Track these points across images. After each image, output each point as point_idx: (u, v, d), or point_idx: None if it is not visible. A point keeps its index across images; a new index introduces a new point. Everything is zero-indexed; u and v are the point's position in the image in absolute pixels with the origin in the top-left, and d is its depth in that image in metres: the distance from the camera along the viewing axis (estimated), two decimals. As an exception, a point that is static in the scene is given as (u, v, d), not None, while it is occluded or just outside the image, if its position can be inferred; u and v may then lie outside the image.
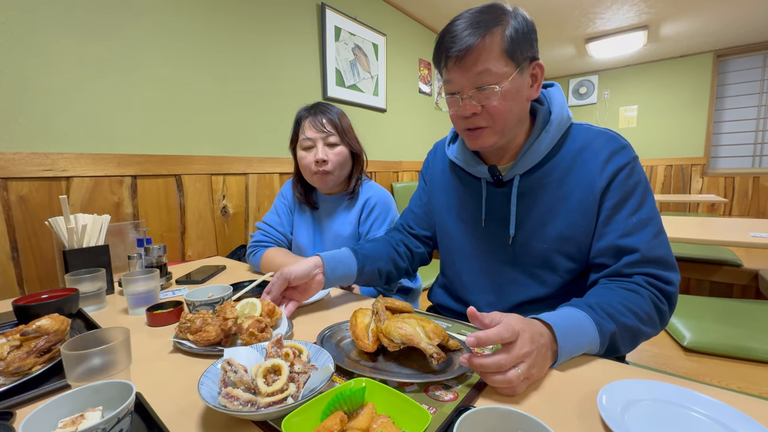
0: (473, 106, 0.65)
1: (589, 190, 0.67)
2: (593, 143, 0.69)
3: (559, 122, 0.70)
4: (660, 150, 4.43)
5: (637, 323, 0.58)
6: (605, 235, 0.66)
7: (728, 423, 0.41)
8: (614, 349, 0.59)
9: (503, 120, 0.66)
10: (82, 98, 1.24)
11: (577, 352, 0.55)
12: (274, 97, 1.89)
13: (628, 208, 0.65)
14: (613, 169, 0.66)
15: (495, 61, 0.62)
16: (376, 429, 0.38)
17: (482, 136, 0.69)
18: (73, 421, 0.38)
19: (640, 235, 0.63)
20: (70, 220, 0.89)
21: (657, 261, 0.63)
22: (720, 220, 2.00)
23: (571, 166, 0.69)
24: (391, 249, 0.88)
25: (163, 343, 0.67)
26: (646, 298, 0.60)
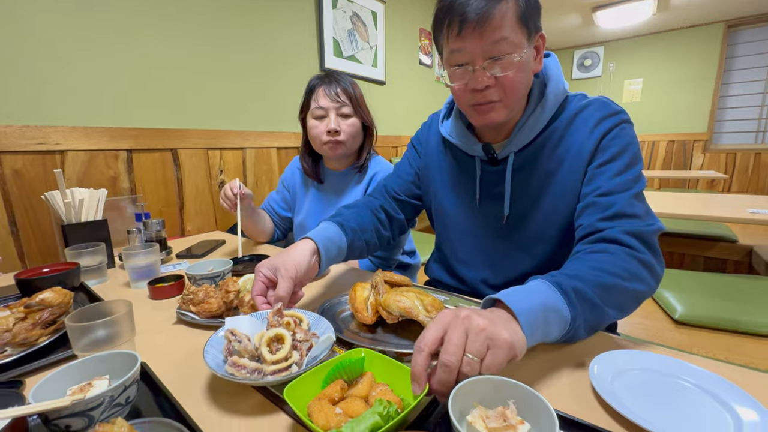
0: (488, 78, 0.61)
1: (579, 156, 0.66)
2: (585, 111, 0.67)
3: (555, 96, 0.68)
4: (663, 125, 4.37)
5: (617, 280, 0.52)
6: (586, 196, 0.64)
7: (714, 390, 0.42)
8: (598, 309, 0.50)
9: (515, 93, 0.63)
10: (73, 70, 1.20)
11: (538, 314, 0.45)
12: (271, 70, 1.83)
13: (612, 169, 0.63)
14: (601, 132, 0.64)
15: (512, 29, 0.58)
16: (375, 396, 0.39)
17: (493, 110, 0.65)
18: (82, 389, 0.39)
19: (620, 195, 0.60)
20: (67, 195, 0.88)
21: (633, 216, 0.59)
22: (718, 196, 2.00)
23: (562, 136, 0.68)
24: (373, 217, 0.83)
25: (165, 316, 0.68)
26: (619, 254, 0.55)
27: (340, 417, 0.36)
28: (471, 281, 0.81)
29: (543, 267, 0.74)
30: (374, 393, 0.40)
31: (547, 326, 0.46)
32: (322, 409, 0.36)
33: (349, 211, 0.80)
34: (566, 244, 0.72)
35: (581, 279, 0.51)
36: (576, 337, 0.51)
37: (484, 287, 0.80)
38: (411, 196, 0.89)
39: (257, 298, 0.58)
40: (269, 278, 0.60)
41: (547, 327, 0.46)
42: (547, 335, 0.47)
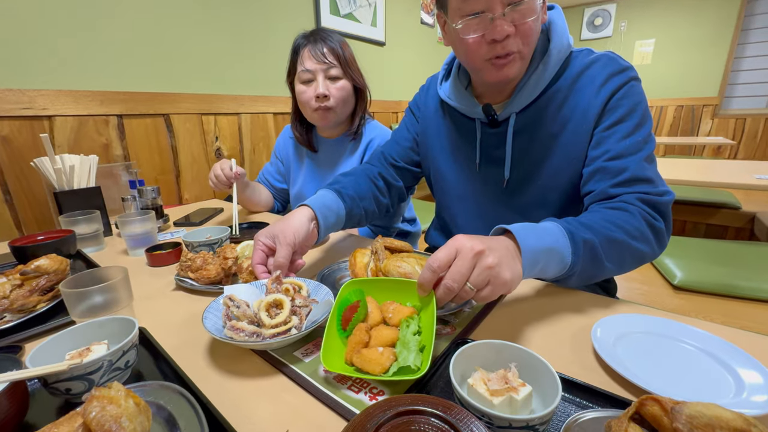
0: (508, 26, 0.56)
1: (584, 118, 0.63)
2: (591, 68, 0.63)
3: (559, 52, 0.63)
4: (673, 90, 4.22)
5: (625, 237, 0.53)
6: (595, 159, 0.62)
7: (715, 352, 0.42)
8: (600, 262, 0.51)
9: (532, 43, 0.59)
10: (57, 31, 1.13)
11: (542, 255, 0.47)
12: (264, 30, 1.73)
13: (622, 130, 0.60)
14: (609, 91, 0.61)
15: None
16: (391, 316, 0.42)
17: (512, 63, 0.60)
18: (80, 354, 0.39)
19: (631, 158, 0.59)
20: (56, 161, 0.85)
21: (647, 180, 0.58)
22: (725, 162, 1.96)
23: (567, 96, 0.64)
24: (372, 185, 0.81)
25: (164, 283, 0.67)
26: (636, 214, 0.55)
27: (385, 352, 0.38)
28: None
29: None
30: (389, 314, 0.43)
31: (547, 267, 0.48)
32: (370, 360, 0.38)
33: (346, 179, 0.78)
34: (567, 211, 0.70)
35: (593, 230, 0.52)
36: (568, 283, 0.53)
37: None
38: (410, 163, 0.87)
39: (257, 267, 0.57)
40: (268, 246, 0.58)
41: (546, 268, 0.49)
42: (543, 273, 0.49)
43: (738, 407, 0.33)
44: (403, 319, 0.41)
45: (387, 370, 0.38)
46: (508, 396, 0.32)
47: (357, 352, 0.40)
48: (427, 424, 0.27)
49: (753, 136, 3.89)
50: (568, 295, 0.58)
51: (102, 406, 0.27)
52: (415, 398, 0.30)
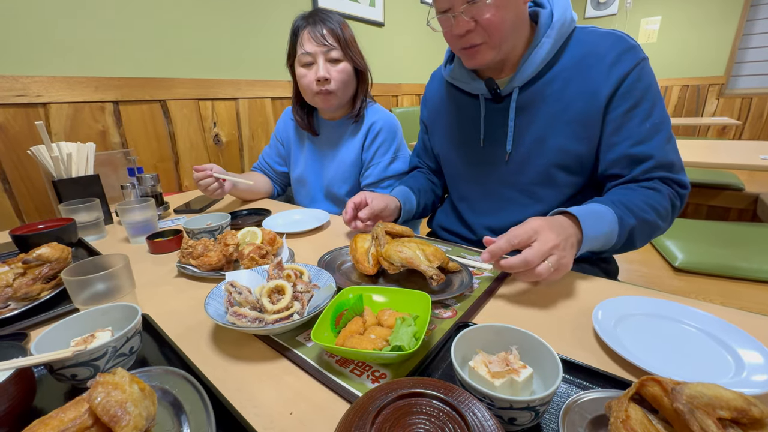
0: (466, 23, 0.61)
1: (593, 99, 0.63)
2: (598, 47, 0.64)
3: (562, 25, 0.64)
4: (678, 68, 4.12)
5: (656, 218, 0.60)
6: (617, 145, 0.64)
7: (716, 333, 0.42)
8: (631, 242, 0.60)
9: (499, 32, 0.61)
10: (49, 16, 1.10)
11: (597, 241, 0.56)
12: (261, 11, 1.68)
13: (640, 114, 0.62)
14: (620, 74, 0.62)
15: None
16: (387, 319, 0.43)
17: (480, 53, 0.64)
18: (85, 340, 0.39)
19: (653, 142, 0.62)
20: (53, 149, 0.84)
21: (671, 165, 0.63)
22: (729, 143, 1.93)
23: (573, 75, 0.65)
24: (427, 181, 0.93)
25: (166, 270, 0.68)
26: (666, 195, 0.62)
27: (378, 340, 0.39)
28: (477, 227, 0.81)
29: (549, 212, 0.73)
30: (385, 317, 0.44)
31: (591, 247, 0.56)
32: (361, 341, 0.39)
33: (409, 179, 0.92)
34: (575, 189, 0.70)
35: (635, 214, 0.58)
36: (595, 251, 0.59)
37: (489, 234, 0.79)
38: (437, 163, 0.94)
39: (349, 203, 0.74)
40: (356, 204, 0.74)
41: (591, 247, 0.56)
42: (590, 248, 0.56)
43: (738, 387, 0.34)
44: (397, 317, 0.42)
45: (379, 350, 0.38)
46: (509, 378, 0.32)
47: (349, 338, 0.40)
48: (429, 406, 0.27)
49: (759, 116, 3.83)
50: (570, 279, 0.58)
51: (107, 392, 0.27)
52: (416, 381, 0.30)
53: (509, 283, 0.58)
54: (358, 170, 1.07)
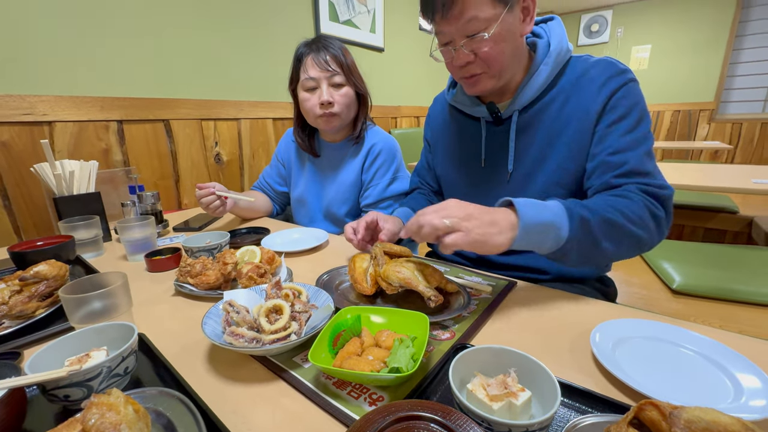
0: (466, 55, 0.65)
1: (586, 117, 0.66)
2: (591, 71, 0.68)
3: (558, 54, 0.69)
4: (669, 95, 4.25)
5: (623, 221, 0.55)
6: (596, 155, 0.65)
7: (714, 357, 0.42)
8: (595, 240, 0.54)
9: (498, 63, 0.65)
10: (58, 38, 1.13)
11: (540, 228, 0.51)
12: (264, 36, 1.74)
13: (623, 127, 0.64)
14: (608, 92, 0.65)
15: (481, 6, 0.61)
16: (384, 341, 0.43)
17: (480, 82, 0.68)
18: (79, 360, 0.39)
19: (631, 152, 0.62)
20: (56, 166, 0.85)
21: (647, 173, 0.62)
22: (722, 167, 1.97)
23: (568, 97, 0.68)
24: (428, 203, 0.92)
25: (163, 288, 0.67)
26: (638, 201, 0.58)
27: (375, 362, 0.39)
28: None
29: None
30: (383, 338, 0.43)
31: (542, 240, 0.53)
32: (359, 362, 0.39)
33: (412, 201, 0.92)
34: None
35: (591, 210, 0.55)
36: (565, 259, 0.55)
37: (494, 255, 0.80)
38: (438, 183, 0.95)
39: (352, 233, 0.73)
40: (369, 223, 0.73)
41: (542, 241, 0.53)
42: (539, 247, 0.53)
43: (736, 412, 0.33)
44: (396, 338, 0.42)
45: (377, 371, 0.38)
46: (507, 401, 0.32)
47: (347, 359, 0.40)
48: (427, 429, 0.27)
49: (749, 141, 3.91)
50: (568, 301, 0.58)
51: (101, 413, 0.27)
52: (414, 404, 0.30)
53: (507, 304, 0.58)
54: (357, 191, 1.08)
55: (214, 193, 0.96)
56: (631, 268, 1.35)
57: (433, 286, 0.54)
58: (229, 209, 1.02)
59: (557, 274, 0.74)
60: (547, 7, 4.46)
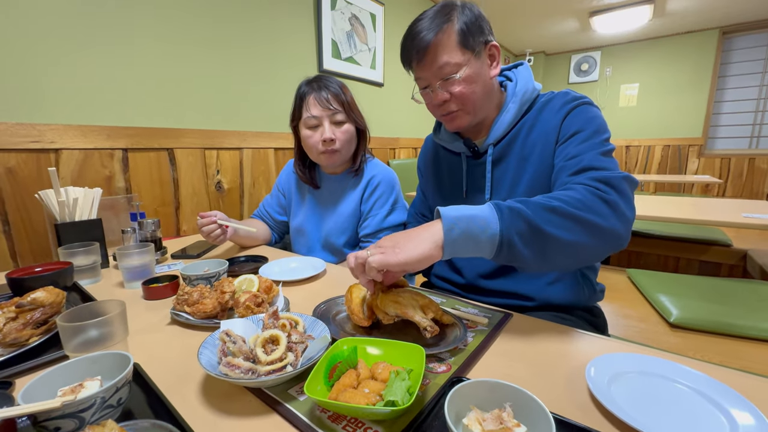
0: (442, 95, 0.73)
1: (548, 138, 0.73)
2: (552, 102, 0.75)
3: (524, 93, 0.77)
4: (658, 130, 4.40)
5: (563, 205, 0.54)
6: (557, 165, 0.70)
7: (710, 394, 0.42)
8: (537, 228, 0.53)
9: (470, 101, 0.73)
10: (69, 68, 1.19)
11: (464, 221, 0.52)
12: (269, 69, 1.83)
13: (579, 138, 0.68)
14: (564, 112, 0.72)
15: (451, 53, 0.69)
16: (381, 373, 0.42)
17: (457, 118, 0.76)
18: (72, 390, 0.39)
19: (588, 153, 0.64)
20: (61, 193, 0.87)
21: (600, 168, 0.61)
22: (713, 201, 2.02)
23: (533, 125, 0.76)
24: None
25: (159, 316, 0.67)
26: (578, 189, 0.58)
27: (371, 395, 0.39)
28: (465, 270, 0.85)
29: None
30: (379, 370, 0.43)
31: (474, 235, 0.52)
32: (354, 395, 0.39)
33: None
34: None
35: (524, 202, 0.55)
36: (518, 256, 0.53)
37: (481, 279, 0.82)
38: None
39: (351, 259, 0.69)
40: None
41: (474, 236, 0.52)
42: (477, 245, 0.53)
43: (732, 450, 0.33)
44: (392, 371, 0.42)
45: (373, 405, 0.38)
46: (502, 437, 0.32)
47: (343, 392, 0.40)
48: (422, 465, 0.27)
49: (739, 175, 4.02)
50: (563, 333, 0.59)
51: (96, 445, 0.27)
52: (409, 438, 0.30)
53: (503, 336, 0.58)
54: (356, 221, 1.10)
55: (216, 221, 0.98)
56: (627, 301, 1.35)
57: (429, 317, 0.54)
58: (229, 237, 1.03)
59: (543, 300, 0.76)
60: (538, 47, 4.70)
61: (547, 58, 4.98)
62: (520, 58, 4.89)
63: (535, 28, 3.97)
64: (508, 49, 4.69)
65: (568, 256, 0.56)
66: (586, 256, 0.57)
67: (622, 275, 1.65)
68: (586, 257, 0.57)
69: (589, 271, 0.80)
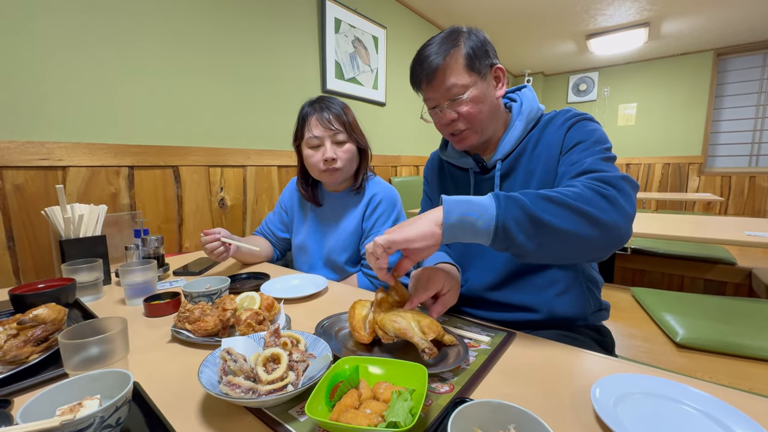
0: (451, 114, 0.76)
1: (550, 153, 0.76)
2: (555, 119, 0.79)
3: (529, 112, 0.80)
4: (658, 148, 4.44)
5: (561, 196, 0.56)
6: (558, 173, 0.72)
7: (718, 416, 0.42)
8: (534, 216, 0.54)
9: (478, 120, 0.76)
10: (78, 87, 1.23)
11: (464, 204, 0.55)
12: (273, 89, 1.87)
13: (580, 147, 0.71)
14: (567, 126, 0.75)
15: (458, 76, 0.73)
16: (383, 393, 0.42)
17: (465, 138, 0.79)
18: (71, 409, 0.38)
19: (588, 159, 0.67)
20: (67, 210, 0.88)
21: (600, 171, 0.63)
22: (715, 219, 2.01)
23: (538, 140, 0.78)
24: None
25: (160, 334, 0.67)
26: (578, 185, 0.59)
27: (373, 416, 0.38)
28: (472, 284, 0.85)
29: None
30: (381, 390, 0.43)
31: (470, 220, 0.54)
32: (356, 416, 0.38)
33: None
34: None
35: (524, 193, 0.57)
36: (514, 243, 0.55)
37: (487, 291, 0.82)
38: None
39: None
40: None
41: (471, 221, 0.54)
42: (473, 229, 0.55)
43: (743, 475, 0.32)
44: (394, 390, 0.41)
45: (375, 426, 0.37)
46: (507, 460, 0.31)
47: (344, 412, 0.39)
48: (425, 489, 0.26)
49: (740, 193, 4.02)
50: (568, 352, 0.58)
51: (94, 466, 0.27)
52: (412, 461, 0.29)
53: (507, 356, 0.57)
54: (358, 239, 1.10)
55: (220, 239, 0.99)
56: (632, 320, 1.34)
57: (429, 338, 0.54)
58: (231, 254, 1.04)
59: (548, 313, 0.75)
60: (537, 68, 4.80)
61: (545, 79, 5.08)
62: (520, 78, 4.99)
63: (534, 50, 4.07)
64: (509, 69, 4.80)
65: (567, 246, 0.56)
66: (586, 247, 0.57)
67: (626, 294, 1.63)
68: (586, 249, 0.57)
69: (593, 286, 0.80)
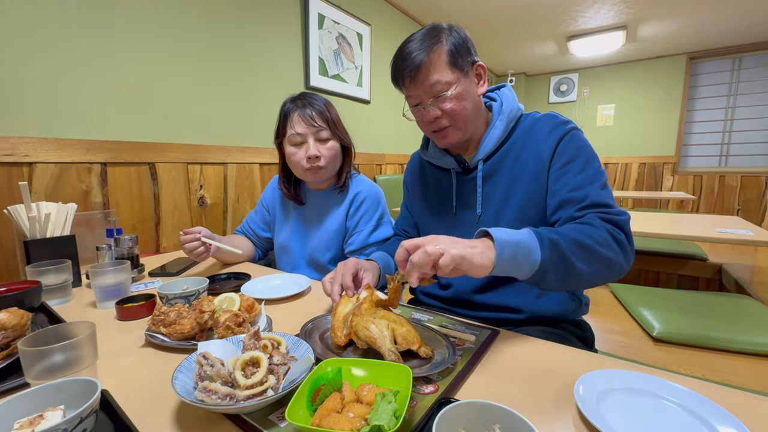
0: (434, 112, 0.76)
1: (540, 159, 0.76)
2: (539, 123, 0.79)
3: (510, 111, 0.80)
4: (634, 148, 4.58)
5: (591, 242, 0.61)
6: (556, 193, 0.73)
7: (696, 410, 0.42)
8: (568, 260, 0.58)
9: (461, 117, 0.76)
10: (46, 79, 1.16)
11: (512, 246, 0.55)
12: (255, 85, 1.83)
13: (574, 168, 0.72)
14: (556, 138, 0.75)
15: (442, 72, 0.72)
16: (366, 395, 0.41)
17: (448, 135, 0.78)
18: (31, 422, 0.36)
19: (588, 188, 0.70)
20: (32, 209, 0.83)
21: (605, 204, 0.69)
22: (688, 216, 2.09)
23: (523, 146, 0.79)
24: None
25: (133, 338, 0.64)
26: (599, 227, 0.64)
27: (356, 419, 0.37)
28: (455, 287, 0.84)
29: None
30: (364, 393, 0.41)
31: (518, 260, 0.56)
32: (338, 420, 0.37)
33: (390, 246, 0.94)
34: None
35: (560, 234, 0.61)
36: (545, 281, 0.59)
37: (472, 294, 0.82)
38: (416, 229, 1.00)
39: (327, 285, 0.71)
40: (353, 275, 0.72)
41: (518, 261, 0.56)
42: (518, 269, 0.57)
43: (721, 469, 0.33)
44: (378, 392, 0.40)
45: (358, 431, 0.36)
46: (492, 462, 0.31)
47: (326, 417, 0.38)
48: (409, 496, 0.26)
49: (711, 192, 4.19)
50: (550, 349, 0.58)
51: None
52: (396, 467, 0.28)
53: (491, 354, 0.57)
54: (341, 238, 1.09)
55: (200, 238, 0.95)
56: (610, 315, 1.37)
57: (402, 349, 0.52)
58: (211, 254, 1.00)
59: (531, 313, 0.76)
60: (520, 69, 4.87)
61: (527, 79, 5.16)
62: (503, 78, 5.05)
63: (517, 51, 4.12)
64: (491, 70, 4.85)
65: (582, 283, 0.63)
66: (594, 283, 0.65)
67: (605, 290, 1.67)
68: (593, 284, 0.65)
69: None
